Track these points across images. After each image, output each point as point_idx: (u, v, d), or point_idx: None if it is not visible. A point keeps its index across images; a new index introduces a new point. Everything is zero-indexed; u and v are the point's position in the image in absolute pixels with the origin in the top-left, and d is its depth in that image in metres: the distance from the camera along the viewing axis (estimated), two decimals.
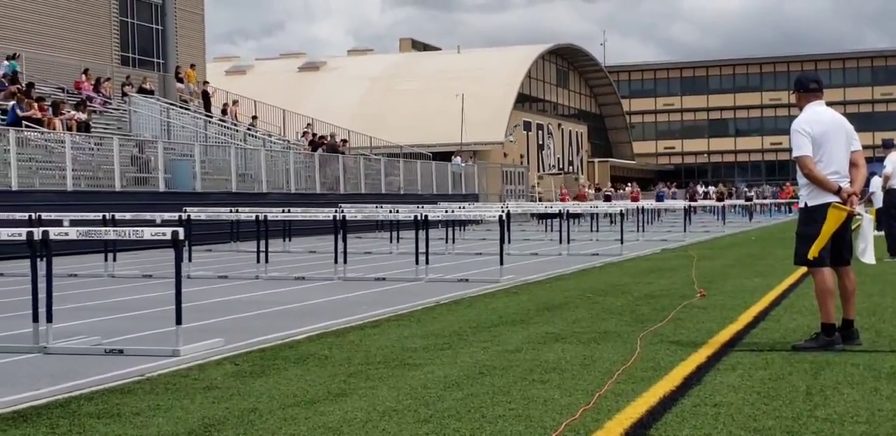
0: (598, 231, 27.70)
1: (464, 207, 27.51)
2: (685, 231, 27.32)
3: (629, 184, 62.84)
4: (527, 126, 65.30)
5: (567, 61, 74.73)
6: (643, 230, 27.04)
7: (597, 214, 29.46)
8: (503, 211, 17.78)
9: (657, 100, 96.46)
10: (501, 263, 14.51)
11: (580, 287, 12.85)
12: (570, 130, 73.81)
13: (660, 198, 52.18)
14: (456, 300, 11.46)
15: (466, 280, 14.02)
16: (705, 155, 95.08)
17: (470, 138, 52.84)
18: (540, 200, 45.23)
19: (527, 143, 64.99)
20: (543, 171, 66.00)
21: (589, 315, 9.86)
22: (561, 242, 20.45)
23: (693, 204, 37.21)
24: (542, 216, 31.28)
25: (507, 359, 7.30)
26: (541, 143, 67.95)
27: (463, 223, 28.63)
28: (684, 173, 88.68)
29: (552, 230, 27.19)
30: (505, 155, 58.79)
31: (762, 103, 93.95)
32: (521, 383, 6.36)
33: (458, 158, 45.58)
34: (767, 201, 51.54)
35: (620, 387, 6.20)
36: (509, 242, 19.68)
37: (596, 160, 77.89)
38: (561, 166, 70.49)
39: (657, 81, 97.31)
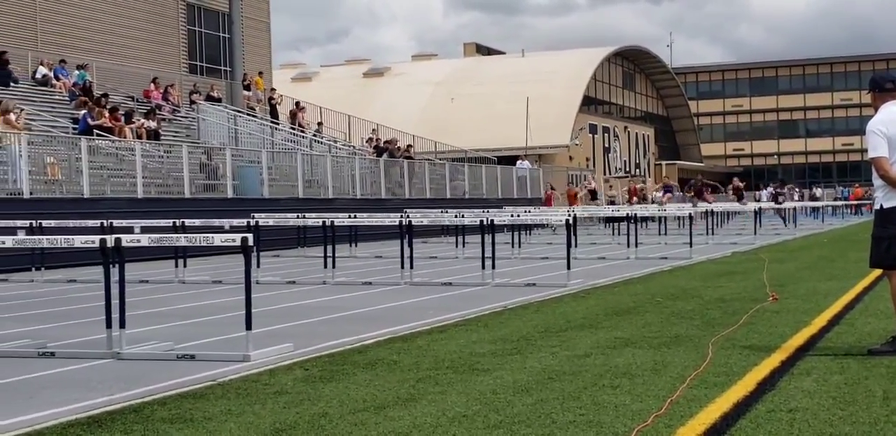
0: (666, 234, 27.43)
1: (529, 211, 27.43)
2: (755, 234, 26.96)
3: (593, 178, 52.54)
4: (592, 129, 64.99)
5: (633, 63, 74.27)
6: (713, 233, 26.72)
7: (665, 218, 29.17)
8: (569, 215, 17.68)
9: (725, 101, 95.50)
10: (569, 268, 14.42)
11: (649, 291, 12.73)
12: (636, 133, 73.32)
13: (668, 191, 41.85)
14: (523, 305, 11.41)
15: (533, 285, 13.95)
16: (775, 157, 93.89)
17: (535, 142, 52.70)
18: (612, 203, 44.76)
19: (592, 146, 64.68)
20: (610, 174, 65.61)
21: (659, 320, 9.76)
22: (629, 245, 20.28)
23: (698, 209, 30.31)
24: (609, 220, 31.06)
25: (577, 364, 7.24)
26: (607, 146, 67.60)
27: (529, 227, 28.53)
28: (754, 175, 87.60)
29: (619, 234, 27.00)
30: (570, 158, 58.57)
31: (833, 104, 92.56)
32: (592, 389, 6.30)
33: (525, 162, 45.41)
34: (799, 204, 43.61)
35: (693, 392, 6.12)
36: (576, 245, 19.58)
37: (663, 163, 77.27)
38: (627, 169, 70.04)
39: (725, 82, 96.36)
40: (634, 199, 43.85)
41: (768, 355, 7.45)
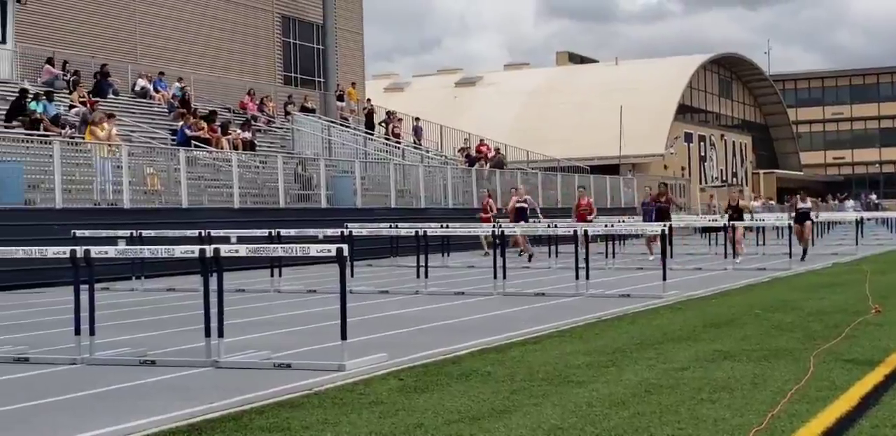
0: (764, 245, 26.92)
1: (624, 221, 27.17)
2: (857, 244, 26.33)
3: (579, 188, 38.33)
4: (688, 138, 64.21)
5: (729, 71, 73.20)
6: (813, 244, 26.15)
7: (763, 228, 28.62)
8: (665, 225, 17.48)
9: (825, 109, 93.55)
10: (664, 278, 14.24)
11: (748, 303, 12.51)
12: (733, 141, 72.23)
13: (647, 214, 24.27)
14: (618, 316, 11.30)
15: (628, 296, 13.81)
16: (877, 165, 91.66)
17: (629, 151, 52.24)
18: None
19: (688, 154, 63.89)
20: (706, 183, 64.72)
21: (758, 332, 9.58)
22: (726, 256, 19.96)
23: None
24: (705, 230, 30.62)
25: (674, 377, 7.14)
26: (703, 154, 66.70)
27: (623, 237, 28.26)
28: (854, 184, 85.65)
29: (716, 244, 26.59)
30: (665, 167, 57.93)
31: None
32: (690, 403, 6.20)
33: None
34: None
35: (794, 407, 5.99)
36: (672, 256, 19.32)
37: (761, 172, 75.96)
38: (724, 178, 69.01)
39: (825, 90, 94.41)
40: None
41: (871, 369, 7.27)
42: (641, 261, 21.27)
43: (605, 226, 21.76)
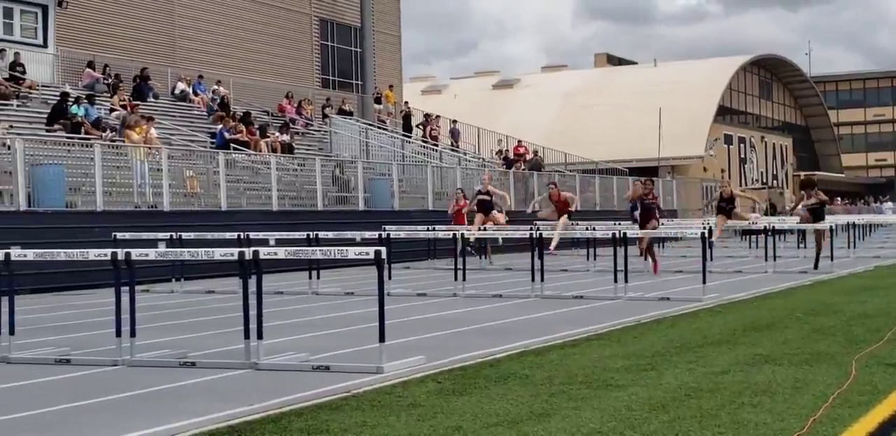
0: (805, 247, 26.68)
1: (662, 224, 26.98)
2: None
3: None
4: (728, 139, 63.80)
5: (770, 72, 72.65)
6: (854, 247, 25.88)
7: (804, 231, 28.36)
8: (704, 227, 17.36)
9: (867, 110, 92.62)
10: (704, 282, 14.13)
11: (788, 306, 12.40)
12: (773, 143, 71.68)
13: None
14: (657, 319, 11.24)
15: (667, 299, 13.72)
16: None
17: (668, 153, 51.92)
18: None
19: (728, 156, 63.49)
20: (746, 185, 64.28)
21: (799, 336, 9.49)
22: (766, 259, 19.81)
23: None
24: (746, 232, 30.39)
25: (714, 381, 7.09)
26: (743, 156, 66.25)
27: (661, 240, 28.11)
28: None
29: (756, 247, 26.38)
30: (705, 169, 57.59)
31: None
32: (730, 407, 6.15)
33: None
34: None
35: (836, 411, 5.93)
36: (711, 259, 19.20)
37: (802, 174, 75.30)
38: (764, 181, 68.49)
39: (866, 91, 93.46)
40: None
41: None
42: (681, 264, 21.14)
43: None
